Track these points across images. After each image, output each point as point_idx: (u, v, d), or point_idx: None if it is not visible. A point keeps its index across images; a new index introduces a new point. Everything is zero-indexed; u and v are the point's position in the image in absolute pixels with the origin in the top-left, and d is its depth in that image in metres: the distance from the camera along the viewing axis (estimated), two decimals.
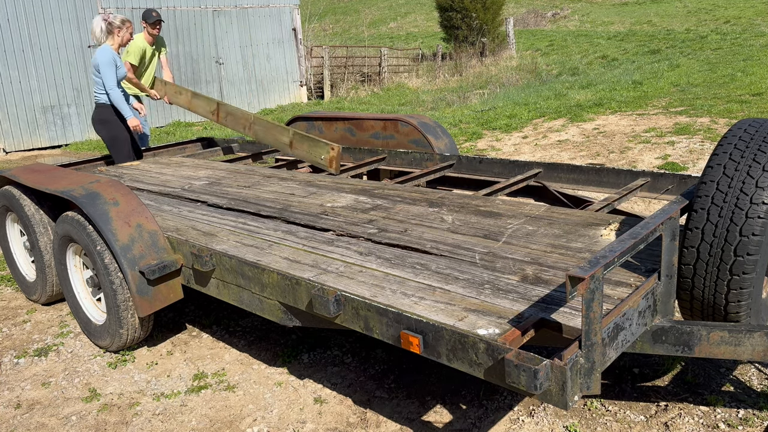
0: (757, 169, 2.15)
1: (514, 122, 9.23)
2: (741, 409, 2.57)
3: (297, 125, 5.51)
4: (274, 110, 14.78)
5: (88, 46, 11.93)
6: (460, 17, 20.68)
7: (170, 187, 4.22)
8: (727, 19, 22.08)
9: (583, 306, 1.76)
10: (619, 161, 6.57)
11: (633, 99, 10.00)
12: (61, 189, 3.34)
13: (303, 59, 15.83)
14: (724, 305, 2.22)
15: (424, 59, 20.83)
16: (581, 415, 2.63)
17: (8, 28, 10.94)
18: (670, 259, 2.21)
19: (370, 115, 5.03)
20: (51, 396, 3.07)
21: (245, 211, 3.50)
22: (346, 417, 2.75)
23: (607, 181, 3.68)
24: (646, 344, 2.22)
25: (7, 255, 4.29)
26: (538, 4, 32.56)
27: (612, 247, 1.90)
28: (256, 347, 3.43)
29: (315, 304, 2.35)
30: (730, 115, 7.95)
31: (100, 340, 3.40)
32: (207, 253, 2.86)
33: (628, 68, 13.99)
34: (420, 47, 22.79)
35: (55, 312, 4.02)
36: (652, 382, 2.83)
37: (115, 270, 3.10)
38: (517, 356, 1.77)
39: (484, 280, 2.36)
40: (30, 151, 11.29)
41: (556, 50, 19.56)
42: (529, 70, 16.05)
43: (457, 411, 2.73)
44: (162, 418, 2.83)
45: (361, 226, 3.10)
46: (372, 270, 2.53)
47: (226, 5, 14.07)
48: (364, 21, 32.91)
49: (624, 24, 24.53)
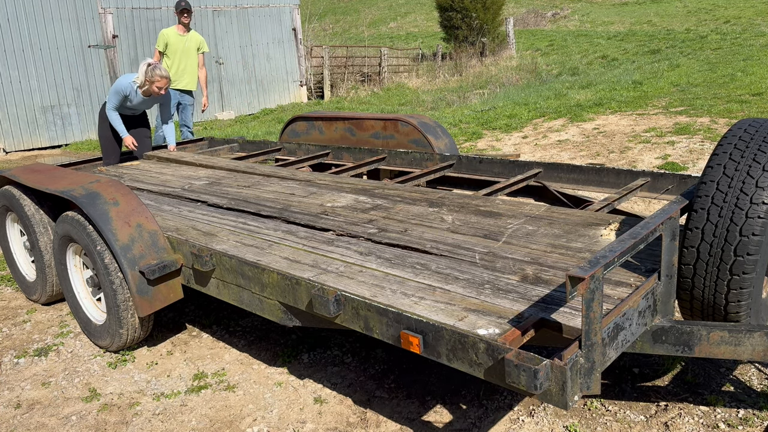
0: (757, 169, 2.15)
1: (514, 122, 9.23)
2: (741, 409, 2.57)
3: (297, 125, 5.51)
4: (274, 110, 14.79)
5: (89, 46, 11.93)
6: (460, 17, 20.67)
7: (170, 187, 4.22)
8: (727, 18, 22.07)
9: (583, 306, 1.76)
10: (619, 161, 6.57)
11: (633, 99, 10.00)
12: (61, 189, 3.34)
13: (303, 59, 15.83)
14: (724, 305, 2.22)
15: (424, 59, 20.82)
16: (581, 415, 2.64)
17: (8, 28, 10.93)
18: (670, 259, 2.21)
19: (370, 115, 5.03)
20: (51, 396, 3.07)
21: (245, 211, 3.50)
22: (346, 417, 2.75)
23: (607, 181, 3.68)
24: (646, 344, 2.22)
25: (7, 255, 4.29)
26: (538, 4, 32.55)
27: (612, 247, 1.90)
28: (256, 347, 3.43)
29: (315, 304, 2.35)
30: (730, 115, 7.95)
31: (100, 340, 3.40)
32: (207, 253, 2.86)
33: (628, 68, 13.99)
34: (420, 47, 22.78)
35: (55, 312, 4.02)
36: (652, 382, 2.83)
37: (115, 270, 3.10)
38: (517, 356, 1.77)
39: (484, 280, 2.36)
40: (30, 151, 11.28)
41: (556, 50, 19.56)
42: (529, 70, 16.04)
43: (457, 411, 2.73)
44: (162, 418, 2.83)
45: (361, 225, 3.10)
46: (372, 270, 2.53)
47: (226, 5, 14.07)
48: (364, 21, 32.91)
49: (624, 24, 24.52)
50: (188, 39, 7.19)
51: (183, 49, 7.14)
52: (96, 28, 12.13)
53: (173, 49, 7.10)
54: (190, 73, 7.25)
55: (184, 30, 7.17)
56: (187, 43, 7.16)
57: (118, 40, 12.41)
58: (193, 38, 7.25)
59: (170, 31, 7.12)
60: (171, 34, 7.10)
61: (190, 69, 7.24)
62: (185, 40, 7.15)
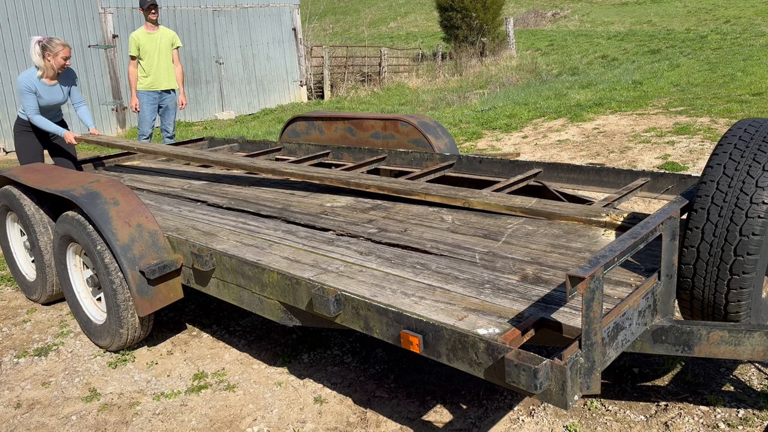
0: (757, 169, 2.15)
1: (514, 122, 9.23)
2: (741, 409, 2.57)
3: (297, 125, 5.51)
4: (275, 110, 14.79)
5: (89, 46, 11.93)
6: (460, 17, 20.67)
7: (170, 187, 4.22)
8: (727, 18, 22.08)
9: (583, 305, 1.76)
10: (619, 161, 6.57)
11: (633, 99, 10.00)
12: (61, 188, 3.34)
13: (303, 59, 15.83)
14: (724, 305, 2.22)
15: (424, 59, 20.83)
16: (581, 415, 2.64)
17: (8, 28, 10.94)
18: (670, 258, 2.21)
19: (370, 114, 5.03)
20: (51, 396, 3.07)
21: (245, 211, 3.50)
22: (346, 417, 2.75)
23: (607, 180, 3.68)
24: (646, 344, 2.22)
25: (7, 254, 4.29)
26: (538, 4, 32.56)
27: (612, 247, 1.90)
28: (256, 347, 3.43)
29: (315, 304, 2.35)
30: (730, 115, 7.95)
31: (100, 340, 3.40)
32: (207, 253, 2.86)
33: (628, 68, 13.99)
34: (420, 47, 22.79)
35: (55, 312, 4.02)
36: (652, 382, 2.83)
37: (116, 269, 3.10)
38: (517, 356, 1.77)
39: (484, 280, 2.36)
40: None
41: (556, 50, 19.55)
42: (529, 70, 16.04)
43: (457, 411, 2.73)
44: (162, 417, 2.83)
45: (361, 225, 3.10)
46: (372, 270, 2.53)
47: (226, 5, 14.07)
48: (364, 21, 32.91)
49: (624, 24, 24.52)
50: (160, 36, 6.81)
51: (157, 47, 6.76)
52: (96, 28, 12.13)
53: (146, 50, 6.73)
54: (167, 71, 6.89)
55: (154, 27, 6.78)
56: (160, 40, 6.79)
57: (118, 40, 12.41)
58: (165, 35, 6.87)
59: (139, 33, 6.76)
60: (141, 36, 6.74)
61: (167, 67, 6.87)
62: (157, 37, 6.78)
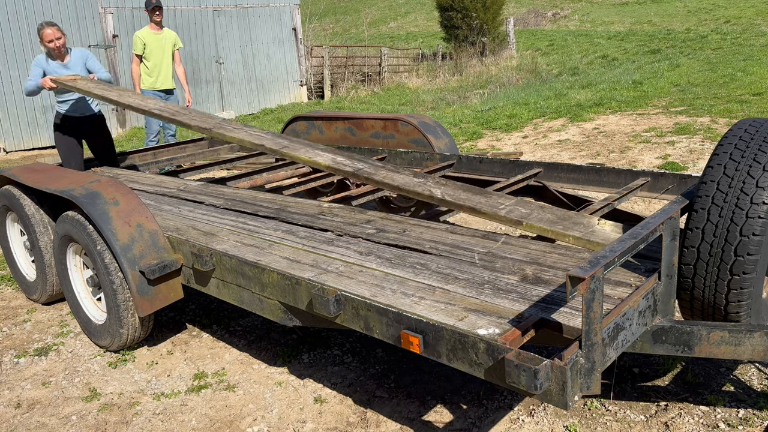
0: (758, 169, 2.15)
1: (514, 122, 9.22)
2: (741, 409, 2.57)
3: (297, 125, 5.51)
4: (275, 110, 14.79)
5: (89, 46, 11.92)
6: (461, 17, 20.66)
7: (166, 188, 4.22)
8: (727, 18, 22.07)
9: (584, 306, 1.76)
10: (619, 161, 6.56)
11: (633, 99, 10.00)
12: (61, 189, 3.34)
13: (303, 59, 15.82)
14: (724, 305, 2.22)
15: (424, 59, 20.82)
16: (581, 415, 2.64)
17: (8, 28, 10.94)
18: (670, 259, 2.21)
19: (371, 114, 5.03)
20: (51, 395, 3.07)
21: (242, 212, 3.50)
22: (347, 417, 2.75)
23: (607, 180, 3.68)
24: (646, 344, 2.22)
25: (7, 254, 4.29)
26: (538, 4, 32.55)
27: (612, 247, 1.90)
28: (256, 347, 3.43)
29: (315, 304, 2.35)
30: (730, 115, 7.95)
31: (101, 340, 3.40)
32: (207, 253, 2.86)
33: (628, 68, 13.98)
34: (420, 47, 22.78)
35: (55, 311, 4.02)
36: (652, 382, 2.83)
37: (116, 270, 3.10)
38: (517, 356, 1.77)
39: (484, 280, 2.36)
40: (30, 150, 11.28)
41: (556, 50, 19.55)
42: (529, 70, 16.03)
43: (458, 411, 2.73)
44: (162, 417, 2.83)
45: (359, 226, 3.09)
46: (372, 270, 2.53)
47: (226, 5, 14.07)
48: (364, 21, 32.89)
49: (624, 24, 24.51)
50: (164, 37, 7.00)
51: (161, 48, 6.94)
52: (96, 28, 12.13)
53: (151, 50, 6.90)
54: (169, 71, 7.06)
55: (158, 28, 6.96)
56: (164, 41, 6.98)
57: (118, 39, 12.41)
58: (169, 36, 7.06)
59: (144, 32, 6.91)
60: (146, 35, 6.89)
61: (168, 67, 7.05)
62: (162, 38, 6.96)
